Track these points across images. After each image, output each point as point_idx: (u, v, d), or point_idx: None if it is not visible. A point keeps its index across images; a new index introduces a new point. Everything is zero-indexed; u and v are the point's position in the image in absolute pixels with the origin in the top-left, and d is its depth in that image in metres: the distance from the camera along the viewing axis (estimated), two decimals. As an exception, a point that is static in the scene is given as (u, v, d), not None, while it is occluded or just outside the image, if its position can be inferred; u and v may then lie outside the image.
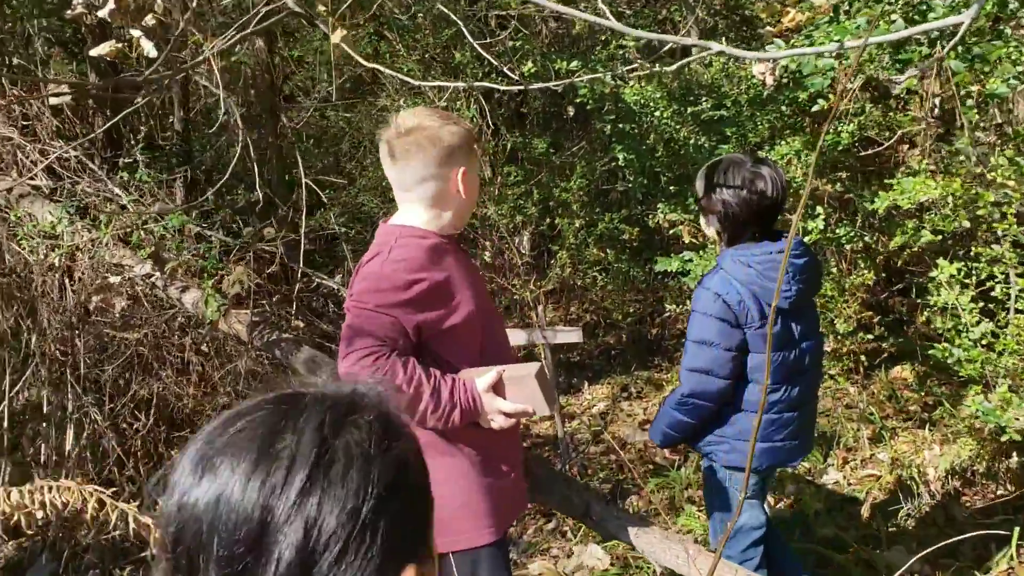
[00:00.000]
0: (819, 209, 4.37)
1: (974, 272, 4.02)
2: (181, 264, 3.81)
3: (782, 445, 2.84)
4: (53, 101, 3.97)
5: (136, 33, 2.72)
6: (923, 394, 5.25)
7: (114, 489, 4.78)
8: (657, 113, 4.89)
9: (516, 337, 4.91)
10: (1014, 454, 4.23)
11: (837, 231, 4.62)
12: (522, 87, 3.21)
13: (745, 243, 2.75)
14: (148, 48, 3.11)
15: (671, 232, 5.13)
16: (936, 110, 5.04)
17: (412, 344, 2.34)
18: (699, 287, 2.75)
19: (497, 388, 2.40)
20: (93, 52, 3.34)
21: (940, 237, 3.92)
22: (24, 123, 4.95)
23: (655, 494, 4.68)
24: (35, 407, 4.32)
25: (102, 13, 2.68)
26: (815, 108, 3.74)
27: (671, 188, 5.36)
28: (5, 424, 4.05)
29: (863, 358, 5.20)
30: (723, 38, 5.96)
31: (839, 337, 4.90)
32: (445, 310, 2.35)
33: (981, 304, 3.74)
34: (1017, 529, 3.67)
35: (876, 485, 4.51)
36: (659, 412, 2.93)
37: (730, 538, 3.06)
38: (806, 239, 4.61)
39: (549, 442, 5.54)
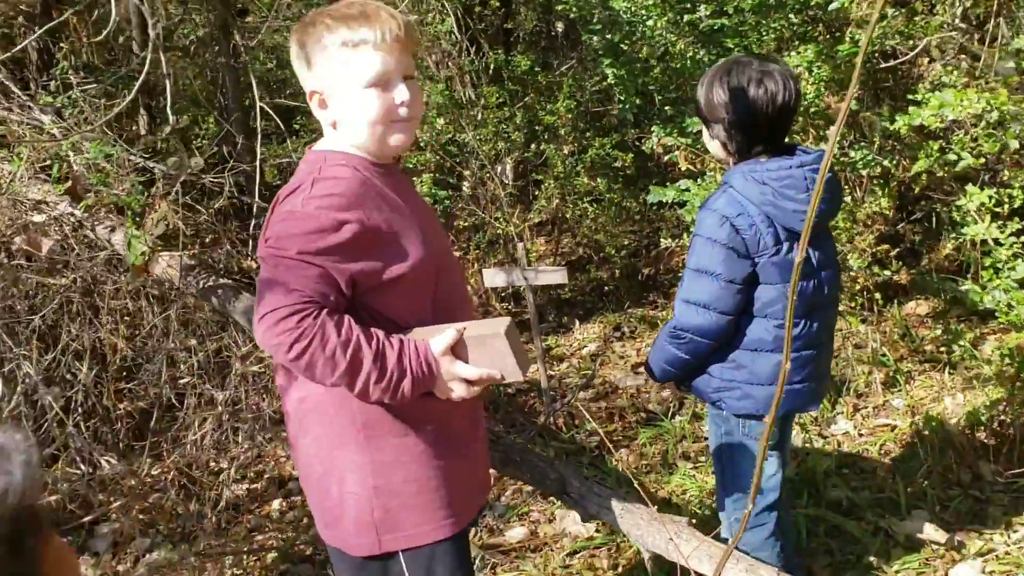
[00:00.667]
0: (832, 129, 3.84)
1: (1006, 201, 3.53)
2: (101, 200, 3.32)
3: (801, 388, 2.52)
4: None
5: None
6: (941, 332, 4.80)
7: (53, 448, 4.40)
8: (650, 23, 4.32)
9: (495, 278, 4.44)
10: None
11: (852, 154, 4.10)
12: None
13: (755, 158, 2.40)
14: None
15: (667, 158, 4.61)
16: (960, 17, 4.47)
17: (346, 300, 1.89)
18: (703, 208, 2.41)
19: (457, 350, 1.92)
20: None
21: (983, 160, 3.40)
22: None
23: (647, 447, 4.27)
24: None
25: None
26: (833, 5, 3.18)
27: (667, 109, 4.81)
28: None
29: (877, 295, 4.73)
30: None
31: (852, 272, 4.42)
32: (387, 257, 1.89)
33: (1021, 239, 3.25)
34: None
35: (891, 437, 4.09)
36: (655, 343, 2.60)
37: (735, 495, 2.67)
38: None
39: (534, 387, 5.12)
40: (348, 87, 1.91)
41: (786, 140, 2.48)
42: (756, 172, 2.33)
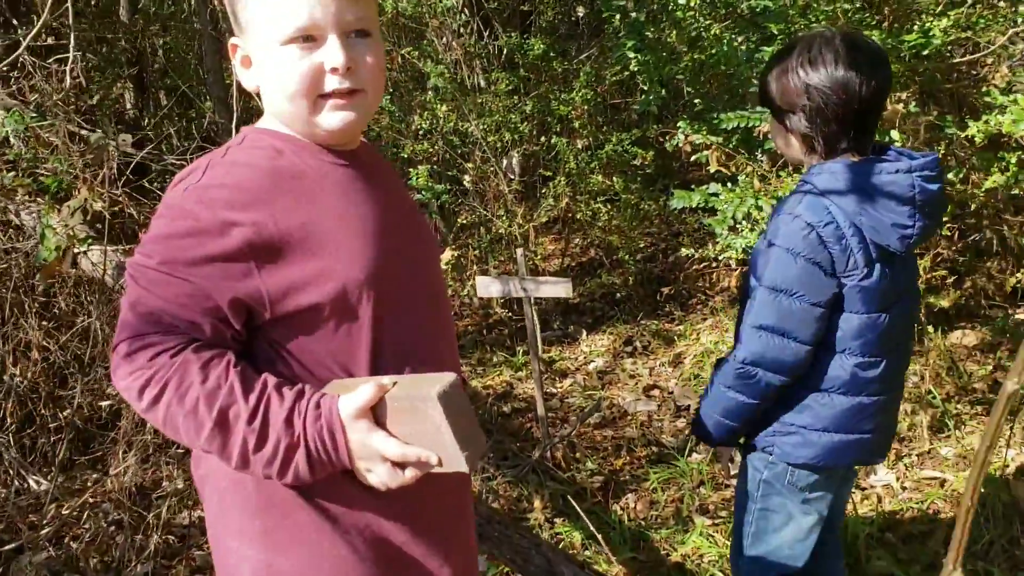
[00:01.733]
0: (894, 135, 3.26)
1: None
2: (19, 182, 2.78)
3: (870, 438, 2.09)
4: None
5: None
6: (992, 370, 4.22)
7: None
8: (682, 2, 3.74)
9: (489, 287, 3.88)
10: None
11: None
12: None
13: (844, 156, 1.95)
14: None
15: (693, 158, 4.04)
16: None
17: (235, 333, 1.36)
18: (780, 214, 1.97)
19: (378, 413, 1.35)
20: None
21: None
22: None
23: (659, 493, 3.70)
24: None
25: None
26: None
27: (696, 103, 4.23)
28: None
29: (928, 327, 4.16)
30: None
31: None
32: (297, 276, 1.34)
33: None
34: None
35: (940, 494, 3.51)
36: (707, 394, 2.12)
37: (755, 554, 2.20)
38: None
39: (531, 407, 4.56)
40: (262, 41, 1.37)
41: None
42: (851, 173, 1.89)
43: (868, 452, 2.12)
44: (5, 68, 3.78)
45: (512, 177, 5.56)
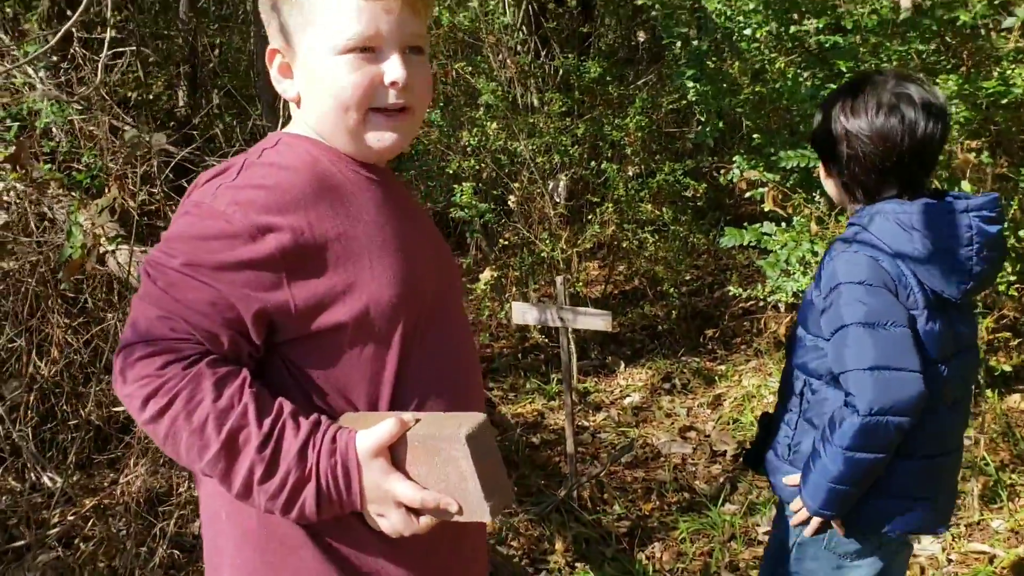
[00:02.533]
0: (965, 185, 3.07)
1: None
2: (52, 175, 2.72)
3: (926, 503, 1.90)
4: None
5: None
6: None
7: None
8: (747, 32, 3.59)
9: (525, 315, 3.74)
10: None
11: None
12: None
13: (896, 199, 1.84)
14: None
15: (748, 194, 3.87)
16: None
17: (253, 350, 1.26)
18: (838, 254, 1.84)
19: (396, 452, 1.24)
20: None
21: None
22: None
23: (688, 544, 3.52)
24: None
25: None
26: (1009, 22, 2.42)
27: (755, 138, 4.06)
28: None
29: (987, 390, 3.93)
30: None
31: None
32: (327, 290, 1.26)
33: None
34: None
35: (990, 572, 3.29)
36: (816, 461, 1.85)
37: None
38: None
39: (561, 441, 4.40)
40: (316, 49, 1.31)
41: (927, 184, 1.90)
42: (903, 213, 1.78)
43: (931, 519, 1.92)
44: (55, 59, 3.75)
45: (558, 200, 5.43)
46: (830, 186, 1.98)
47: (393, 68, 1.30)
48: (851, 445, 1.78)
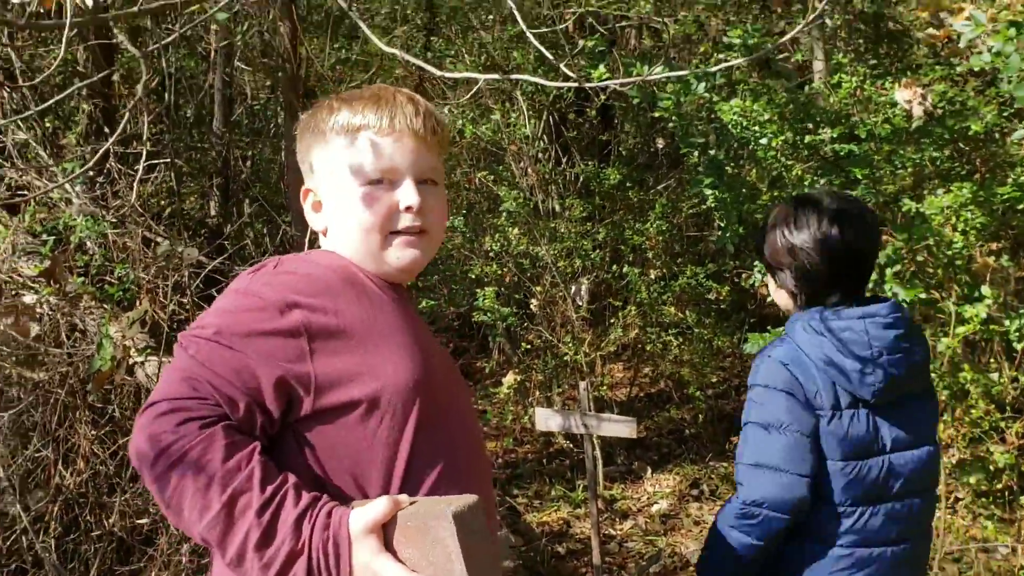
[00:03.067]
0: (985, 290, 3.07)
1: None
2: (85, 288, 2.79)
3: None
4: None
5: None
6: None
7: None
8: (763, 141, 3.67)
9: (548, 421, 3.73)
10: None
11: (1006, 322, 3.29)
12: (576, 84, 2.45)
13: (822, 307, 2.05)
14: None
15: (770, 298, 3.88)
16: None
17: (268, 425, 1.32)
18: (759, 357, 2.06)
19: (387, 532, 1.26)
20: None
21: None
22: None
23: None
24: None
25: None
26: (1017, 136, 2.46)
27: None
28: None
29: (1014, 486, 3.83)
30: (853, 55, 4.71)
31: (994, 471, 3.55)
32: (347, 369, 1.33)
33: None
34: None
35: None
36: (712, 536, 2.06)
37: None
38: (960, 330, 3.31)
39: (585, 549, 4.31)
40: (341, 183, 1.48)
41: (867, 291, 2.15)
42: (815, 320, 1.99)
43: None
44: (92, 174, 3.89)
45: (580, 303, 5.47)
46: (780, 296, 2.13)
47: (408, 194, 1.46)
48: (732, 521, 1.96)
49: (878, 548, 2.00)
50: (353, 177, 1.47)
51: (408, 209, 1.46)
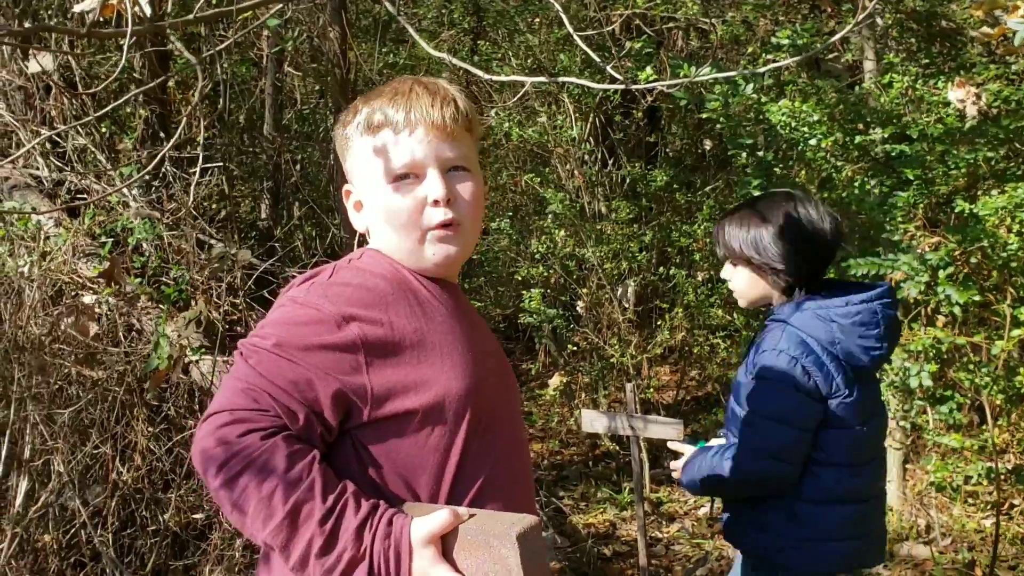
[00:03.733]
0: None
1: None
2: (142, 289, 2.87)
3: (864, 542, 2.31)
4: (33, 67, 3.11)
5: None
6: None
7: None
8: (813, 142, 3.64)
9: (594, 423, 3.73)
10: None
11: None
12: (623, 86, 2.50)
13: (808, 296, 2.27)
14: (143, 3, 2.28)
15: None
16: None
17: (327, 433, 1.35)
18: (766, 351, 2.22)
19: (447, 542, 1.30)
20: (77, 8, 2.49)
21: None
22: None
23: (765, 664, 3.37)
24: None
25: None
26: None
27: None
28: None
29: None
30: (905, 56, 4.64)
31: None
32: (402, 379, 1.37)
33: None
34: None
35: None
36: (701, 460, 2.35)
37: None
38: (1015, 333, 3.25)
39: (632, 551, 4.31)
40: (372, 183, 1.49)
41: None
42: (822, 309, 2.20)
43: (869, 555, 2.32)
44: (148, 178, 3.99)
45: (627, 305, 5.46)
46: (753, 284, 2.31)
47: (434, 187, 1.45)
48: (729, 472, 2.21)
49: (877, 498, 2.33)
50: (381, 176, 1.47)
51: (435, 202, 1.45)
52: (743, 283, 2.37)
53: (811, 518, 2.22)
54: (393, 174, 1.45)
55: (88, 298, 3.35)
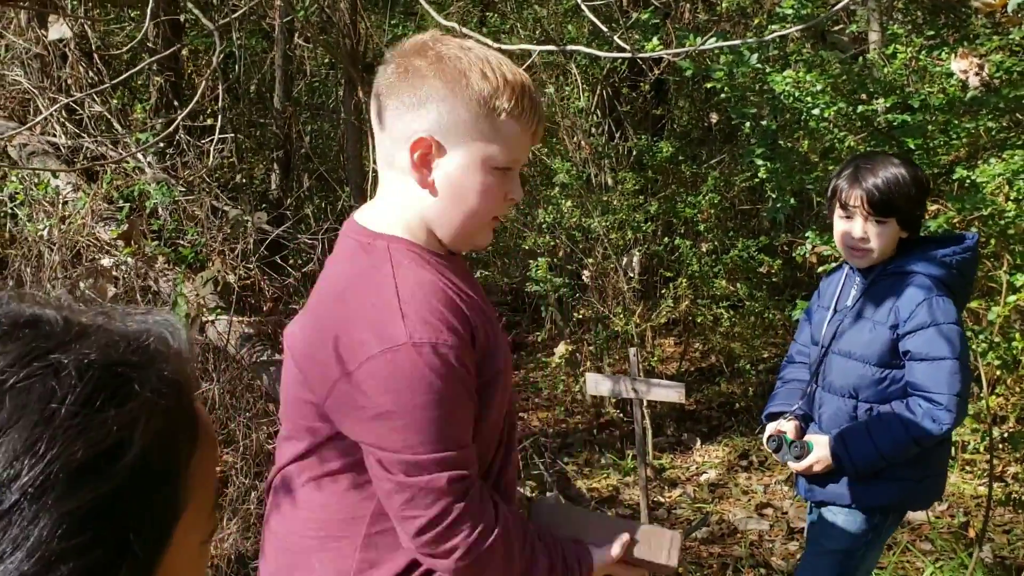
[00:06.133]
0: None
1: None
2: (159, 250, 2.96)
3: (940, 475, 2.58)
4: (53, 35, 3.19)
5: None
6: None
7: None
8: (816, 111, 3.69)
9: (599, 385, 3.82)
10: None
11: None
12: (630, 55, 2.59)
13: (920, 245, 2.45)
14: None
15: (820, 269, 3.92)
16: None
17: None
18: (933, 296, 2.32)
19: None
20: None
21: None
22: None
23: (762, 620, 3.48)
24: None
25: None
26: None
27: (826, 213, 4.12)
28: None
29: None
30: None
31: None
32: (489, 382, 1.50)
33: None
34: None
35: None
36: (874, 434, 2.35)
37: None
38: (1011, 299, 3.32)
39: (634, 515, 4.41)
40: (469, 159, 1.44)
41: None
42: (947, 256, 2.36)
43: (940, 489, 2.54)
44: (162, 145, 4.06)
45: (632, 275, 5.53)
46: (892, 239, 2.38)
47: (518, 189, 1.53)
48: (917, 437, 2.28)
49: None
50: (490, 156, 1.44)
51: (512, 200, 1.53)
52: (888, 239, 2.39)
53: (933, 457, 2.43)
54: (498, 164, 1.45)
55: (106, 261, 3.43)
